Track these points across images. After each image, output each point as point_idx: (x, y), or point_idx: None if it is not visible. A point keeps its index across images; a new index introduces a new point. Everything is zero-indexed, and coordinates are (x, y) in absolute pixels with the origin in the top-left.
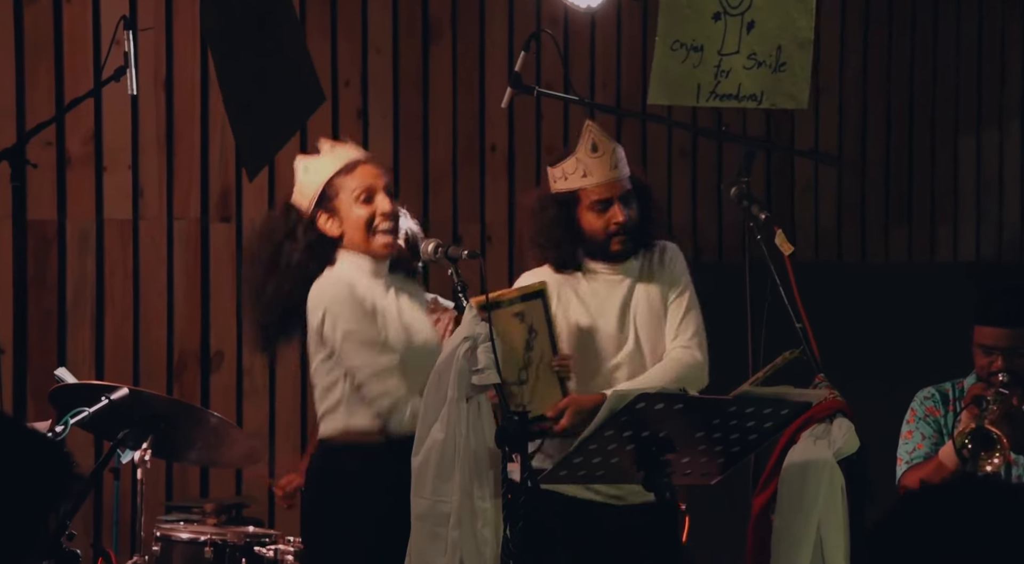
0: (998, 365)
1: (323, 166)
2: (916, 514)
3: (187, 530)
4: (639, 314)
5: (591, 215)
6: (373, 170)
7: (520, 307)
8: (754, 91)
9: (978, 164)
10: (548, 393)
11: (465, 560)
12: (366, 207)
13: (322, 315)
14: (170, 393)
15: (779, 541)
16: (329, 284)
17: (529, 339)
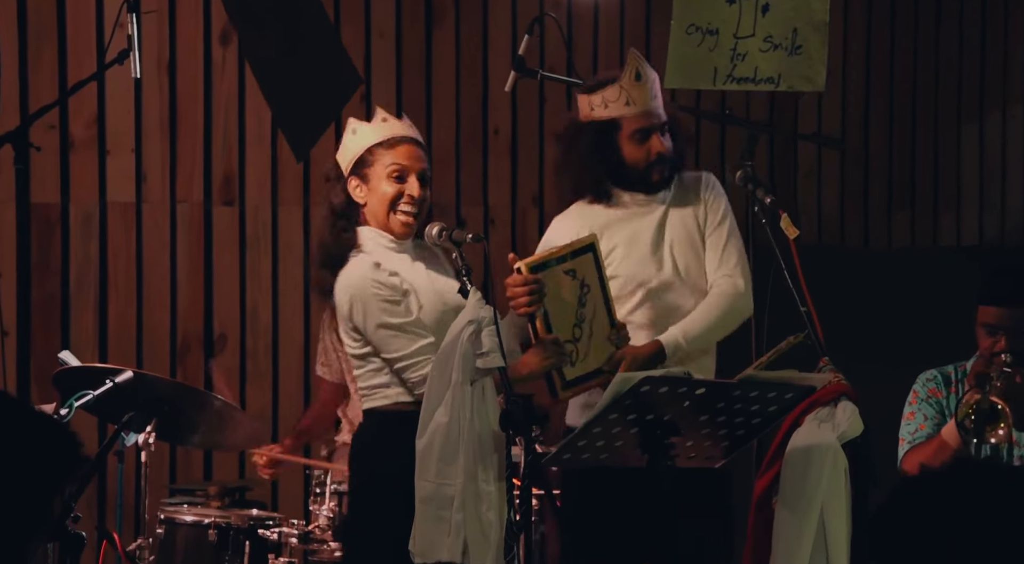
0: (1001, 345)
1: (369, 132)
2: (916, 498)
3: (191, 513)
4: (675, 240)
5: (631, 144)
6: (415, 152)
7: (571, 264)
8: (771, 74)
9: (981, 150)
10: (603, 347)
11: (469, 543)
12: (396, 185)
13: (349, 304)
14: (173, 376)
15: (781, 524)
16: (353, 269)
17: (581, 295)
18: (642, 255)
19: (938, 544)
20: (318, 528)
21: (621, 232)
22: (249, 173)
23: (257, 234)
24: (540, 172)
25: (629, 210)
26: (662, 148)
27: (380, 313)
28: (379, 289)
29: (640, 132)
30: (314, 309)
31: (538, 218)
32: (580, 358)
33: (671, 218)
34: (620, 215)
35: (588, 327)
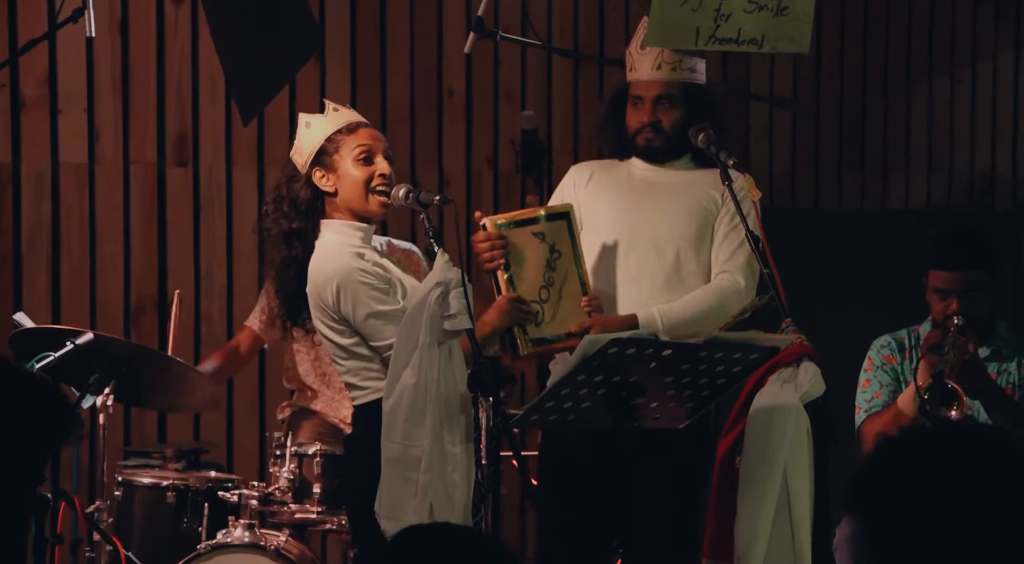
0: (953, 308)
1: (325, 123)
2: (898, 461)
3: (148, 475)
4: (677, 213)
5: (630, 110)
6: (375, 133)
7: (541, 227)
8: (755, 35)
9: (929, 112)
10: (574, 312)
11: (435, 504)
12: (365, 167)
13: (335, 291)
14: (127, 338)
15: (745, 483)
16: (333, 258)
17: (551, 258)
18: (624, 205)
19: (922, 503)
20: (278, 490)
21: (619, 187)
22: (203, 134)
23: (211, 195)
24: (495, 134)
25: (638, 173)
26: (646, 118)
27: (371, 301)
28: (366, 277)
29: (635, 99)
30: (270, 276)
31: (493, 180)
32: (547, 320)
33: (677, 190)
34: (627, 175)
35: (557, 291)
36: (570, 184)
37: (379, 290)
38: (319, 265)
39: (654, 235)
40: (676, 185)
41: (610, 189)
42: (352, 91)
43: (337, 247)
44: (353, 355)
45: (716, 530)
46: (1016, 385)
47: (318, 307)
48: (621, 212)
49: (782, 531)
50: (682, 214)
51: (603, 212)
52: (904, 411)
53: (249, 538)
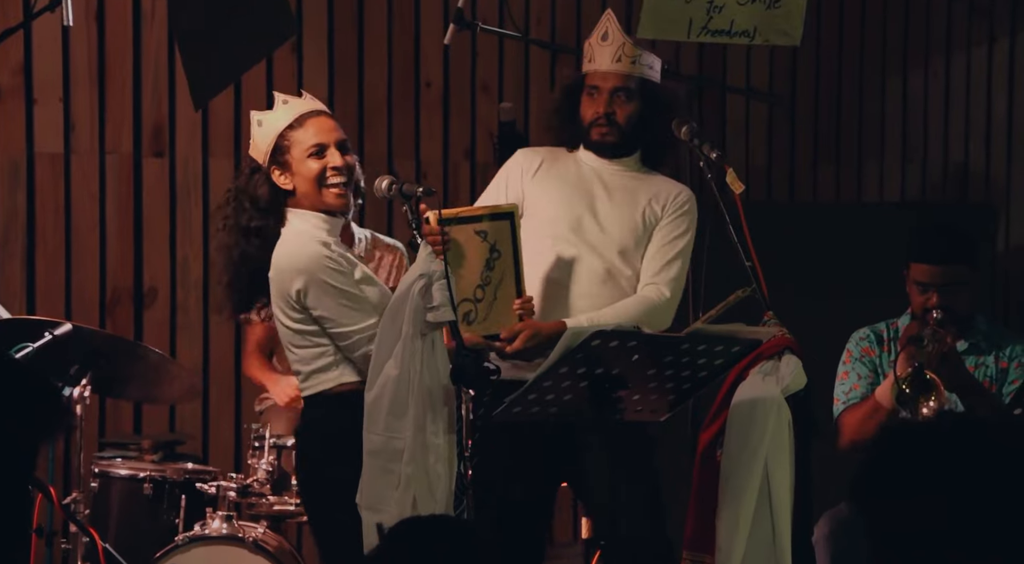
0: (933, 302)
1: (275, 120)
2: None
3: (125, 466)
4: (612, 200)
5: (585, 101)
6: (325, 124)
7: (484, 226)
8: (747, 27)
9: (904, 105)
10: (506, 315)
11: (418, 496)
12: (317, 161)
13: (304, 283)
14: (103, 329)
15: (726, 476)
16: (301, 248)
17: (490, 258)
18: (570, 204)
19: (926, 497)
20: (256, 482)
21: (564, 179)
22: (179, 124)
23: (188, 186)
24: (472, 126)
25: (585, 166)
26: (601, 109)
27: (336, 290)
28: (333, 264)
29: (592, 89)
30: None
31: (470, 172)
32: (479, 319)
33: (620, 189)
34: (574, 168)
35: (493, 291)
36: (517, 170)
37: (345, 275)
38: (285, 254)
39: (594, 238)
40: (623, 190)
41: (557, 182)
42: (329, 82)
43: (304, 236)
44: (308, 344)
45: (697, 522)
46: (994, 379)
47: (280, 292)
48: (565, 209)
49: (763, 523)
50: (625, 221)
51: (548, 206)
52: (882, 403)
53: (227, 530)
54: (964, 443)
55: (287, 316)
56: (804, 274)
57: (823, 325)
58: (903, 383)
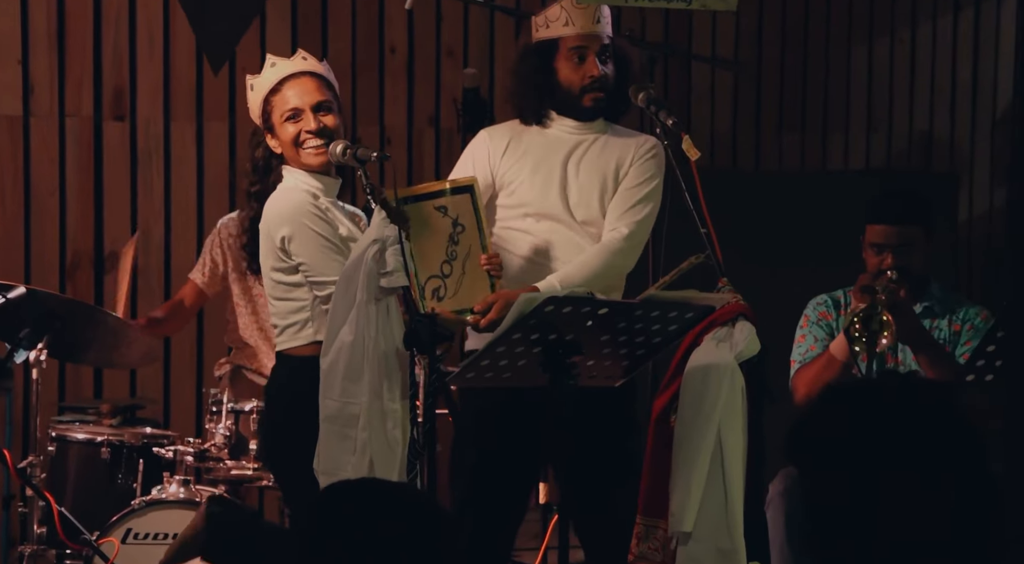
0: (888, 263)
1: (262, 84)
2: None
3: (83, 431)
4: (583, 183)
5: (568, 66)
6: (305, 86)
7: (444, 201)
8: None
9: (869, 74)
10: (478, 288)
11: (375, 461)
12: (293, 125)
13: (289, 230)
14: (63, 293)
15: (679, 441)
16: (288, 197)
17: (454, 233)
18: (546, 182)
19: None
20: (214, 446)
21: (535, 152)
22: (140, 87)
23: (149, 150)
24: (437, 92)
25: (554, 134)
26: (596, 71)
27: (318, 239)
28: (318, 212)
29: (576, 51)
30: (207, 226)
31: (434, 138)
32: (450, 294)
33: (587, 156)
34: (542, 138)
35: (460, 265)
36: (484, 150)
37: (329, 227)
38: (273, 204)
39: (570, 211)
40: (593, 157)
41: (529, 159)
42: (292, 48)
43: (292, 190)
44: (287, 298)
45: (650, 487)
46: (947, 341)
47: (267, 243)
48: (538, 187)
49: (715, 488)
50: (596, 189)
51: (521, 186)
52: (836, 356)
53: (184, 494)
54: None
55: (273, 265)
56: (769, 242)
57: (786, 292)
58: (853, 318)
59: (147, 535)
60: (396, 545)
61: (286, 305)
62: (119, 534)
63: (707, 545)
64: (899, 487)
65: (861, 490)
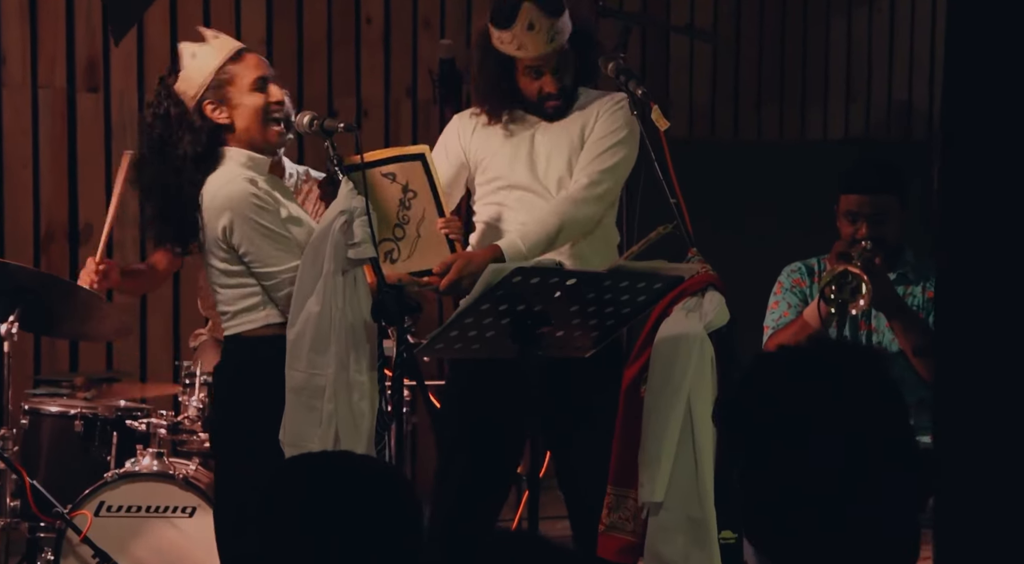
0: (862, 233)
1: (212, 53)
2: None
3: (56, 403)
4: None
5: (525, 79)
6: (260, 60)
7: (391, 168)
8: None
9: (848, 43)
10: (435, 250)
11: (341, 432)
12: (261, 95)
13: (229, 220)
14: (37, 266)
15: (649, 411)
16: (227, 187)
17: (404, 198)
18: (514, 155)
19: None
20: (187, 419)
21: (505, 128)
22: (114, 58)
23: (123, 121)
24: (414, 63)
25: (523, 123)
26: (552, 89)
27: (260, 227)
28: (259, 201)
29: (532, 70)
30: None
31: (411, 109)
32: (403, 257)
33: (558, 125)
34: (512, 126)
35: (414, 229)
36: (454, 135)
37: (271, 213)
38: (212, 194)
39: (546, 184)
40: (562, 125)
41: (497, 137)
42: (268, 19)
43: (230, 174)
44: (233, 285)
45: (620, 457)
46: (920, 307)
47: (209, 230)
48: (513, 162)
49: (685, 458)
50: (565, 156)
51: (492, 162)
52: (809, 322)
53: (158, 467)
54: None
55: (215, 255)
56: (747, 212)
57: (766, 261)
58: (829, 279)
59: (120, 508)
60: (350, 517)
61: (234, 292)
62: (92, 507)
63: (678, 514)
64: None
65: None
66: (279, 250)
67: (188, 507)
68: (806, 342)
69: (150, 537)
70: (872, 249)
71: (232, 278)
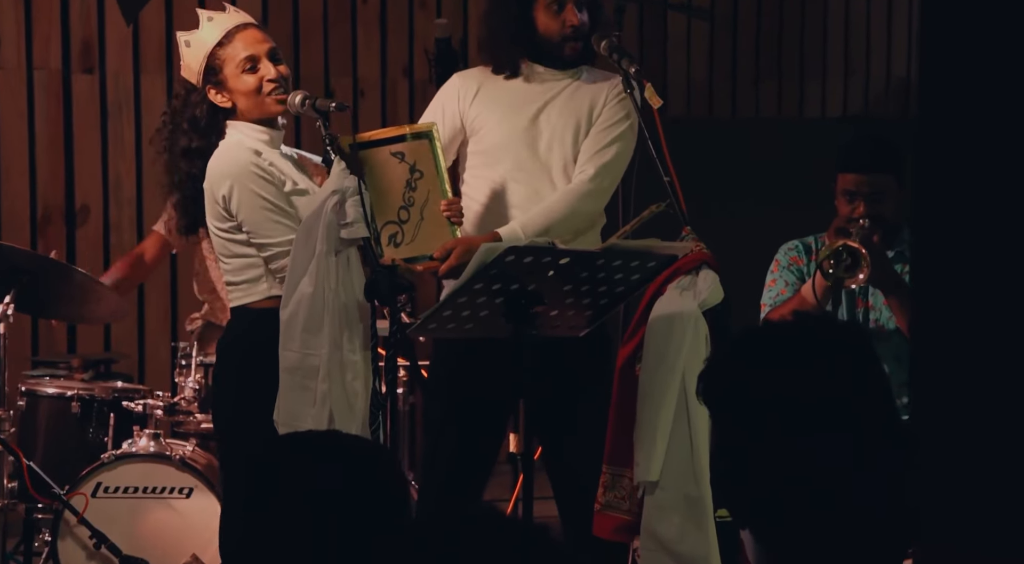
0: (860, 211)
1: (203, 39)
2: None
3: (53, 385)
4: (555, 129)
5: (547, 15)
6: (253, 35)
7: (400, 147)
8: None
9: (846, 19)
10: (437, 234)
11: (335, 412)
12: (252, 76)
13: (229, 187)
14: (34, 248)
15: (644, 390)
16: (231, 154)
17: (411, 179)
18: (514, 129)
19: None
20: (184, 400)
21: (507, 98)
22: (109, 39)
23: (119, 102)
24: (410, 43)
25: (528, 83)
26: (576, 21)
27: (260, 196)
28: (260, 172)
29: (555, 2)
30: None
31: (408, 89)
32: (407, 240)
33: (560, 102)
34: (515, 85)
35: (418, 211)
36: (454, 94)
37: (273, 185)
38: (215, 161)
39: (546, 163)
40: (566, 103)
41: (501, 107)
42: (264, 2)
43: (237, 145)
44: (237, 254)
45: (616, 436)
46: None
47: (211, 200)
48: (513, 137)
49: (681, 436)
50: (570, 134)
51: (492, 133)
52: (807, 298)
53: (154, 448)
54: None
55: (217, 224)
56: (746, 189)
57: (767, 238)
58: (827, 254)
59: (117, 489)
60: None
61: (238, 261)
62: (89, 488)
63: (674, 493)
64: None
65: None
66: (275, 223)
67: (185, 488)
68: (790, 317)
69: (147, 518)
70: (870, 227)
71: (235, 247)
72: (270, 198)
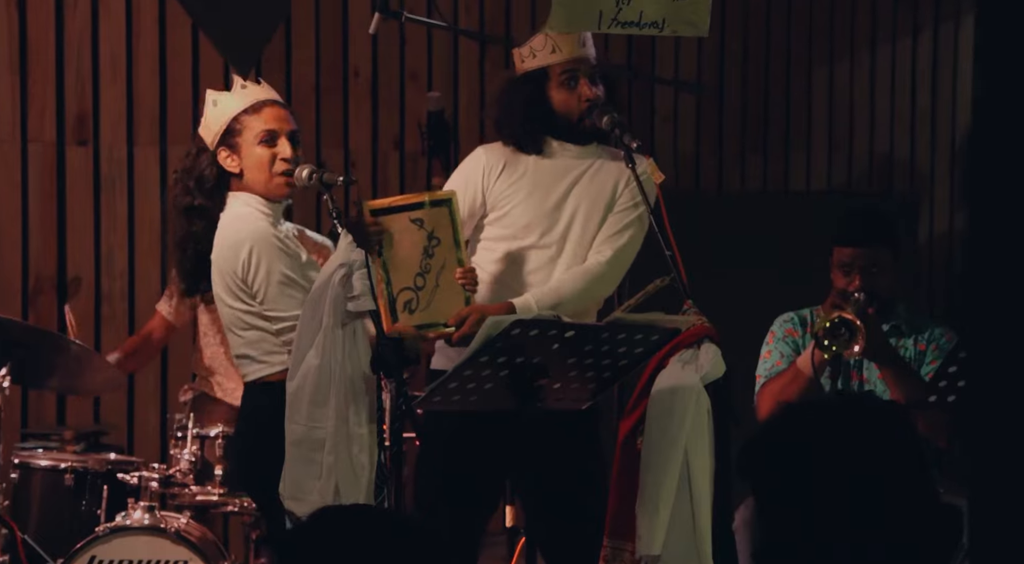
0: (856, 285)
1: (231, 102)
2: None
3: (46, 457)
4: (579, 208)
5: (561, 92)
6: (280, 113)
7: (420, 214)
8: (655, 19)
9: (830, 95)
10: (451, 301)
11: (341, 485)
12: (267, 149)
13: (248, 254)
14: (25, 319)
15: (647, 463)
16: (247, 222)
17: (428, 246)
18: (539, 207)
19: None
20: (179, 472)
21: (532, 177)
22: (103, 112)
23: (112, 175)
24: (401, 115)
25: (553, 160)
26: (590, 93)
27: (280, 266)
28: (279, 243)
29: (567, 75)
30: (171, 251)
31: (399, 161)
32: (421, 307)
33: (585, 182)
34: (540, 163)
35: (434, 278)
36: (479, 168)
37: (291, 257)
38: (232, 229)
39: (564, 240)
40: (594, 184)
41: (526, 184)
42: (257, 71)
43: (250, 215)
44: (252, 326)
45: (618, 509)
46: (912, 360)
47: (223, 272)
48: (538, 216)
49: (683, 510)
50: (595, 212)
51: (517, 211)
52: (802, 370)
53: (149, 520)
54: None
55: (231, 297)
56: (732, 262)
57: (750, 312)
58: (824, 324)
59: (111, 562)
60: None
61: (252, 334)
62: (83, 561)
63: None
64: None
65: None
66: (288, 297)
67: (180, 561)
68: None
69: None
70: (866, 300)
71: (249, 319)
72: (287, 271)
